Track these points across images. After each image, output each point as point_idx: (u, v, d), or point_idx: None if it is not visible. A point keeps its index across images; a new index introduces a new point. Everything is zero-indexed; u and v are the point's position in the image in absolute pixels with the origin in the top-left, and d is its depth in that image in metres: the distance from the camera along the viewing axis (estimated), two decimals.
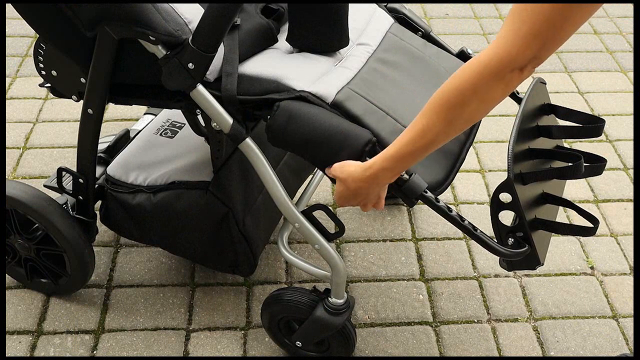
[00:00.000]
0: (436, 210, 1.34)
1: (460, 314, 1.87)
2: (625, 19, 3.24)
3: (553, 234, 1.50)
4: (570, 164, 1.42)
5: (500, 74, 1.08)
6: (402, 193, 1.34)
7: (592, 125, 1.47)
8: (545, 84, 1.58)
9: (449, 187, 2.25)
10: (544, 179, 1.38)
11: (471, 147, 2.44)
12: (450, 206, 1.33)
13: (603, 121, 1.48)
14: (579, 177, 1.38)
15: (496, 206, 1.32)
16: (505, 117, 2.59)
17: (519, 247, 1.34)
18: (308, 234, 1.47)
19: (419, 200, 1.35)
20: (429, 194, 1.35)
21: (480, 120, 1.59)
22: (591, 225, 1.41)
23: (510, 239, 1.35)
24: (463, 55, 1.71)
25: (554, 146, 1.57)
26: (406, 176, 1.33)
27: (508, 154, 1.32)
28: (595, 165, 1.42)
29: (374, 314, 1.86)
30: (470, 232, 1.34)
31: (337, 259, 1.49)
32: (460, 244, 2.07)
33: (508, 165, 1.31)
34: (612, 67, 2.91)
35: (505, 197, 1.29)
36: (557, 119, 1.62)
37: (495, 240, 1.37)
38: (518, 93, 1.68)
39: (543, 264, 1.39)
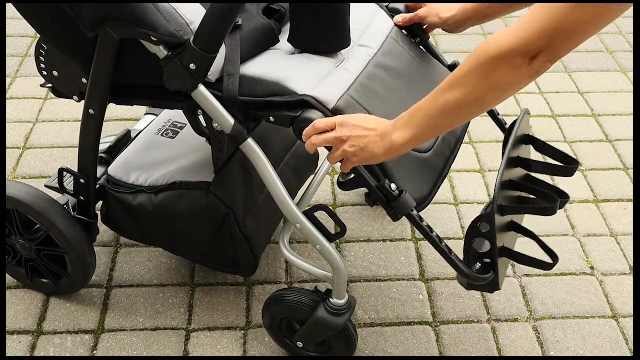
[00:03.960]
0: (418, 229, 1.40)
1: (460, 314, 1.87)
2: (625, 19, 3.25)
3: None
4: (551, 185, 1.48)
5: (509, 54, 1.09)
6: (391, 209, 1.36)
7: (567, 166, 1.56)
8: (530, 114, 1.60)
9: (449, 187, 2.26)
10: (523, 213, 1.45)
11: (471, 147, 2.44)
12: (430, 227, 1.42)
13: (578, 163, 1.56)
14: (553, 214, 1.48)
15: (472, 233, 1.39)
16: (505, 117, 2.59)
17: (484, 273, 1.41)
18: (309, 234, 1.47)
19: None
20: (415, 212, 1.38)
21: (464, 134, 1.62)
22: (551, 261, 1.49)
23: (478, 263, 1.43)
24: (454, 68, 1.73)
25: (524, 174, 1.62)
26: (397, 192, 1.36)
27: (496, 185, 1.38)
28: (562, 201, 1.51)
29: (374, 314, 1.86)
30: (446, 254, 1.41)
31: (339, 259, 1.49)
32: (460, 244, 2.06)
33: (494, 196, 1.36)
34: (612, 67, 2.91)
35: (483, 225, 1.37)
36: (533, 149, 1.66)
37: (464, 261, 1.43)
38: (505, 124, 1.72)
39: (500, 289, 1.48)
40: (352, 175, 1.40)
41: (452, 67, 1.73)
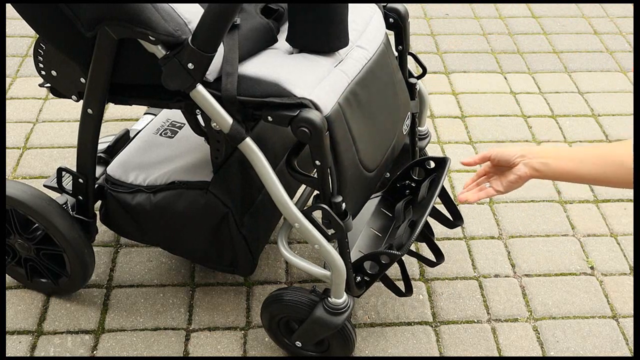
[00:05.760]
0: (342, 246, 1.52)
1: (460, 314, 1.87)
2: (625, 19, 3.24)
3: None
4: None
5: None
6: (333, 225, 1.45)
7: (453, 222, 1.77)
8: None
9: (450, 187, 2.26)
10: (413, 256, 1.77)
11: (471, 147, 2.44)
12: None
13: (462, 222, 1.77)
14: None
15: (372, 257, 1.57)
16: (505, 117, 2.59)
17: (360, 287, 1.61)
18: (308, 234, 1.47)
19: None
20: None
21: (396, 153, 1.70)
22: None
23: (358, 277, 1.60)
24: (412, 86, 1.79)
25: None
26: (344, 212, 1.45)
27: (412, 237, 1.56)
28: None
29: (374, 314, 1.86)
30: (350, 271, 1.56)
31: (337, 258, 1.49)
32: (460, 244, 2.07)
33: (410, 241, 1.55)
34: (612, 67, 2.91)
35: (385, 259, 1.54)
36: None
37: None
38: (429, 165, 1.79)
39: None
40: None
41: (411, 85, 1.78)
